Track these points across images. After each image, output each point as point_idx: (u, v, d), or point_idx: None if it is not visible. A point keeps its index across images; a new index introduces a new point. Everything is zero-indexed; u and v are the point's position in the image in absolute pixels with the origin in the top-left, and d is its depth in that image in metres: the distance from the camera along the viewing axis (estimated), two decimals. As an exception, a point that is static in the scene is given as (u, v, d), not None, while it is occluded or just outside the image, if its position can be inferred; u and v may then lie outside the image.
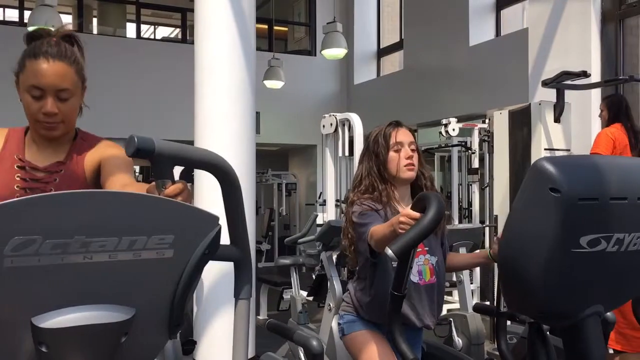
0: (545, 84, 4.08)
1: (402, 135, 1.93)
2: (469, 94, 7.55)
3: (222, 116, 3.93)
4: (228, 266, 3.38)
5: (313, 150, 10.11)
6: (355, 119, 4.38)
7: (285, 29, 11.69)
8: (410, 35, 8.83)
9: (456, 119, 5.89)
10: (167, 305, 0.79)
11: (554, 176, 1.02)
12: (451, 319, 3.54)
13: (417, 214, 1.46)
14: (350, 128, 4.48)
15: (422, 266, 1.90)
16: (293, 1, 11.08)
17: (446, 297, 6.14)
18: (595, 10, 5.02)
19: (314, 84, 10.12)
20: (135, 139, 0.89)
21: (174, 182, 0.97)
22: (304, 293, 4.70)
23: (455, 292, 4.89)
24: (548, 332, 1.34)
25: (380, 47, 10.18)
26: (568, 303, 1.11)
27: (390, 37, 10.13)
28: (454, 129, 5.82)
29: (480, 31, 7.55)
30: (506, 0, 7.57)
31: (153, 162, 0.91)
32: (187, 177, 1.02)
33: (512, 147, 4.55)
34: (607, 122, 3.84)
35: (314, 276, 4.45)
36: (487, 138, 4.90)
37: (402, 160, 1.90)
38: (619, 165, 1.10)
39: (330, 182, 4.61)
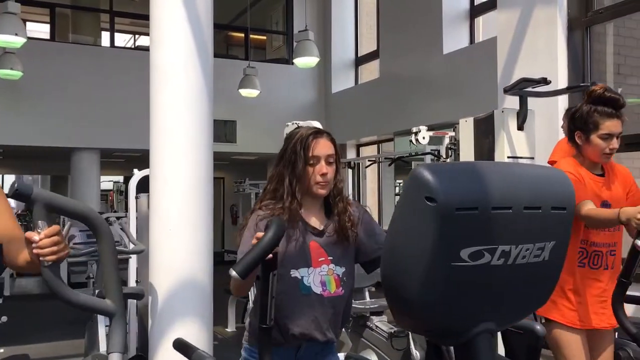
0: (505, 90, 4.04)
1: (320, 148, 1.83)
2: (444, 102, 7.52)
3: (178, 124, 3.85)
4: (183, 278, 3.24)
5: (291, 159, 10.03)
6: (317, 127, 4.30)
7: (264, 37, 11.66)
8: (386, 44, 8.81)
9: (426, 127, 5.83)
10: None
11: (430, 184, 0.95)
12: (409, 331, 3.46)
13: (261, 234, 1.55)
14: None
15: (325, 276, 1.82)
16: (271, 10, 11.05)
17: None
18: (561, 17, 5.00)
19: (292, 93, 10.07)
20: (16, 184, 1.03)
21: (49, 225, 1.12)
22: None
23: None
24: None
25: (358, 56, 10.16)
26: (454, 320, 1.03)
27: (369, 45, 10.12)
28: (424, 137, 5.75)
29: (454, 39, 7.53)
30: (480, 9, 7.57)
31: (31, 205, 1.05)
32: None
33: (478, 156, 4.49)
34: (567, 134, 3.78)
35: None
36: (454, 146, 4.85)
37: (315, 176, 1.82)
38: (502, 172, 1.03)
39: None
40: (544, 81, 3.91)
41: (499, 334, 2.35)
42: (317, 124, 4.46)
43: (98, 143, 8.86)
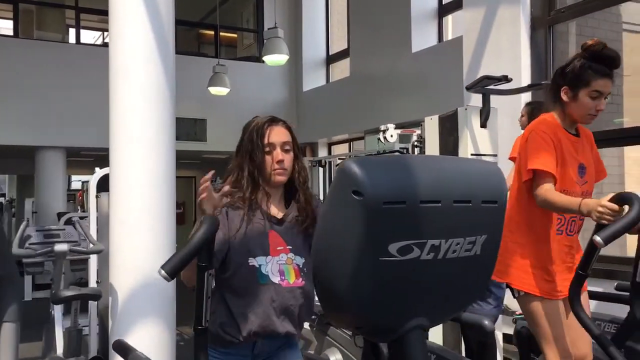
0: (468, 88, 4.07)
1: (275, 135, 1.82)
2: (413, 100, 7.55)
3: (138, 122, 3.79)
4: (144, 278, 3.19)
5: (262, 157, 9.95)
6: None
7: (235, 35, 11.57)
8: (356, 42, 8.82)
9: (394, 125, 5.85)
10: None
11: (357, 178, 0.93)
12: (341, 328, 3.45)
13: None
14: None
15: (283, 265, 1.78)
16: (242, 8, 10.97)
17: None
18: (525, 16, 5.06)
19: (263, 91, 10.01)
20: None
21: None
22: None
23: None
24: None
25: (329, 54, 10.14)
26: (384, 317, 1.02)
27: (340, 43, 10.11)
28: (392, 135, 5.77)
29: (423, 38, 7.57)
30: (448, 7, 7.62)
31: None
32: None
33: (443, 153, 4.52)
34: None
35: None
36: (420, 144, 4.87)
37: (272, 164, 1.81)
38: (431, 166, 1.02)
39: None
40: (505, 79, 3.95)
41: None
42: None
43: (63, 141, 8.68)
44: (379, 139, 5.92)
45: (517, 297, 2.24)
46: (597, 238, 1.78)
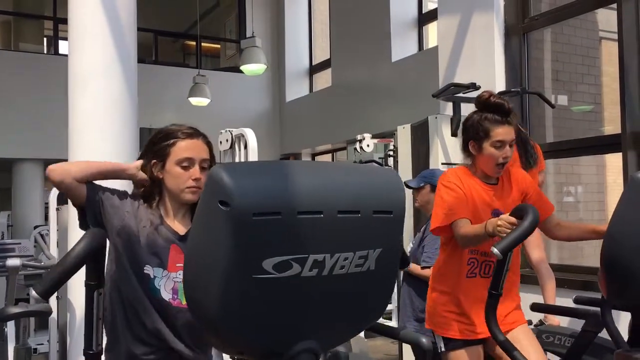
0: (434, 96, 3.99)
1: (197, 150, 1.67)
2: (394, 109, 7.49)
3: (98, 132, 3.72)
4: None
5: (245, 169, 9.87)
6: (250, 135, 4.19)
7: (218, 46, 11.52)
8: (337, 52, 8.78)
9: (370, 135, 5.78)
10: None
11: (224, 186, 0.84)
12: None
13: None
14: (246, 144, 4.28)
15: (179, 284, 1.63)
16: (225, 19, 10.93)
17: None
18: (498, 24, 4.99)
19: (245, 102, 9.93)
20: None
21: None
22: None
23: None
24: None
25: (312, 64, 10.09)
26: (265, 340, 0.92)
27: (324, 53, 10.07)
28: (368, 145, 5.70)
29: (403, 47, 7.53)
30: (428, 16, 7.59)
31: None
32: None
33: (415, 162, 4.45)
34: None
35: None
36: (393, 153, 4.80)
37: (187, 181, 1.65)
38: (312, 173, 0.92)
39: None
40: (473, 86, 3.87)
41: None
42: (249, 132, 4.35)
43: (40, 154, 8.55)
44: (355, 149, 5.85)
45: (441, 352, 2.22)
46: (495, 250, 1.79)
